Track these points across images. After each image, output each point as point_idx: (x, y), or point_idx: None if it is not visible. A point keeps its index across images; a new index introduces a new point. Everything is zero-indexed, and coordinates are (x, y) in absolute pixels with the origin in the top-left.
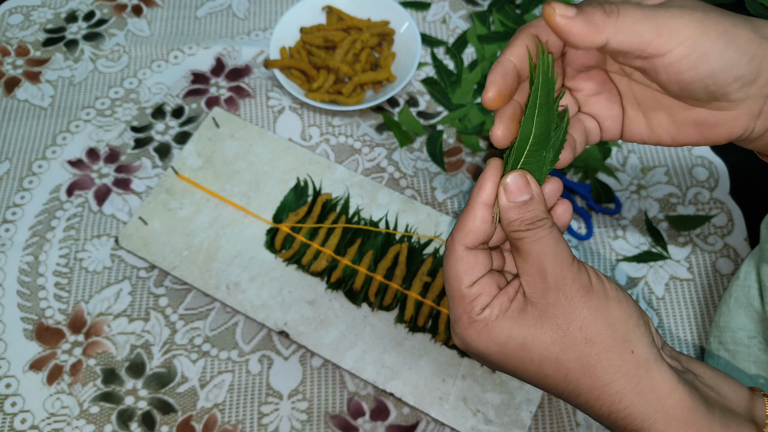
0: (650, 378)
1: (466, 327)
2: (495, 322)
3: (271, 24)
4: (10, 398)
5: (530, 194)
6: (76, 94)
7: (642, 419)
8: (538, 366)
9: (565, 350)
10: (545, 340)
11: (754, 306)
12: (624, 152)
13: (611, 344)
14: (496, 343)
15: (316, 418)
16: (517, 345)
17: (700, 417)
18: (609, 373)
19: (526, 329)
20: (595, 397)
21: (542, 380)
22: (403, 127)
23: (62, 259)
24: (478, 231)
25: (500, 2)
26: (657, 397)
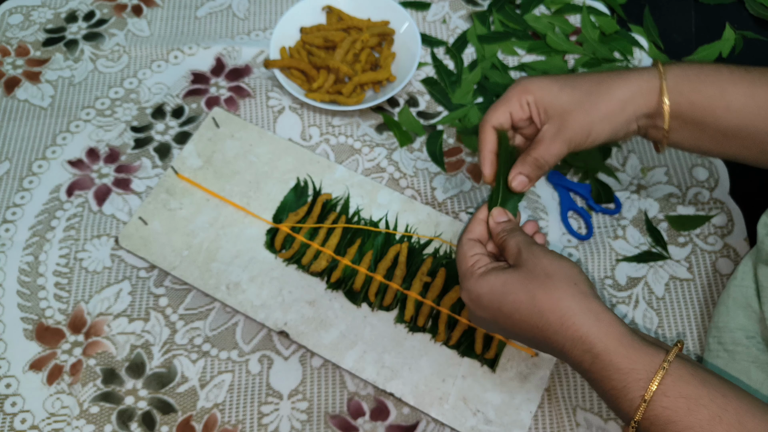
0: (589, 302)
1: (468, 279)
2: (488, 273)
3: (271, 24)
4: (10, 398)
5: (507, 218)
6: (76, 94)
7: (582, 326)
8: (514, 295)
9: (533, 280)
10: (520, 277)
11: (752, 306)
12: (624, 152)
13: (562, 278)
14: (487, 285)
15: (316, 418)
16: (501, 283)
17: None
18: (560, 294)
19: (507, 274)
20: (551, 313)
21: (517, 308)
22: (403, 127)
23: (62, 259)
24: (477, 231)
25: (500, 2)
26: (594, 313)
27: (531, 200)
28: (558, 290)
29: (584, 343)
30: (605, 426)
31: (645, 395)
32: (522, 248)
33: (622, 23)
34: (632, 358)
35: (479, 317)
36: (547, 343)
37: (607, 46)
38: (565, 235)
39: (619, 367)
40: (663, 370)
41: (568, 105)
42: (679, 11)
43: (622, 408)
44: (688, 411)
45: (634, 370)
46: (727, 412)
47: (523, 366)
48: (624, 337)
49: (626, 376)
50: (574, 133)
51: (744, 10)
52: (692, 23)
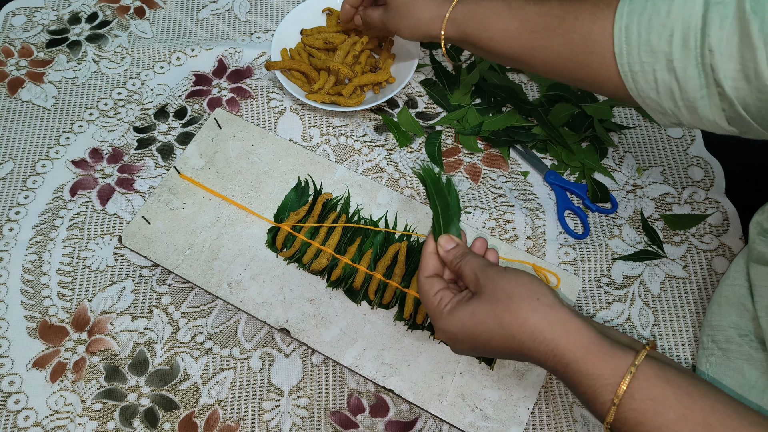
0: (555, 313)
1: (438, 320)
2: (454, 309)
3: (272, 26)
4: (14, 395)
5: (454, 243)
6: (80, 95)
7: (552, 339)
8: (485, 325)
9: (497, 305)
10: (484, 304)
11: (744, 305)
12: (620, 152)
13: (525, 295)
14: (458, 321)
15: (316, 415)
16: (469, 316)
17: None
18: (526, 312)
19: (472, 305)
20: (521, 332)
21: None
22: (402, 127)
23: (66, 258)
24: (431, 266)
25: None
26: (560, 323)
27: (528, 200)
28: (522, 309)
29: (555, 355)
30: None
31: (614, 399)
32: (478, 274)
33: None
34: (599, 364)
35: (459, 348)
36: (526, 358)
37: None
38: (561, 234)
39: (588, 374)
40: (630, 374)
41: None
42: None
43: (595, 410)
44: (654, 412)
45: (602, 375)
46: (693, 412)
47: (520, 363)
48: (591, 344)
49: (595, 382)
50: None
51: None
52: None
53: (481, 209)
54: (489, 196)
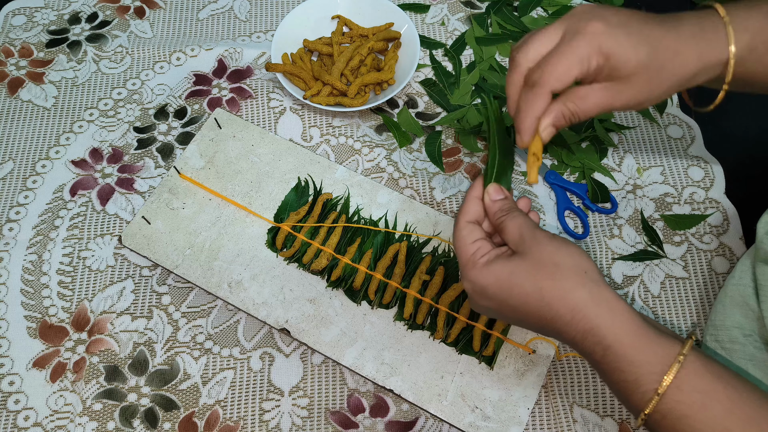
0: (600, 291)
1: (471, 269)
2: (492, 261)
3: (272, 26)
4: (14, 395)
5: (503, 195)
6: (80, 95)
7: (594, 317)
8: (521, 288)
9: (540, 271)
10: (527, 267)
11: (749, 304)
12: (620, 152)
13: (571, 266)
14: (493, 276)
15: (316, 415)
16: (507, 274)
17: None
18: (570, 284)
19: (513, 264)
20: (561, 305)
21: (524, 300)
22: (402, 127)
23: (66, 258)
24: (473, 211)
25: (498, 5)
26: (606, 302)
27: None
28: (567, 280)
29: (595, 335)
30: (602, 423)
31: (658, 389)
32: (525, 234)
33: None
34: (645, 350)
35: (482, 306)
36: (556, 333)
37: None
38: (561, 234)
39: (632, 360)
40: (678, 363)
41: (639, 66)
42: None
43: (632, 400)
44: (702, 406)
45: (648, 363)
46: (740, 408)
47: (520, 363)
48: (638, 329)
49: (639, 369)
50: (633, 92)
51: None
52: None
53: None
54: None
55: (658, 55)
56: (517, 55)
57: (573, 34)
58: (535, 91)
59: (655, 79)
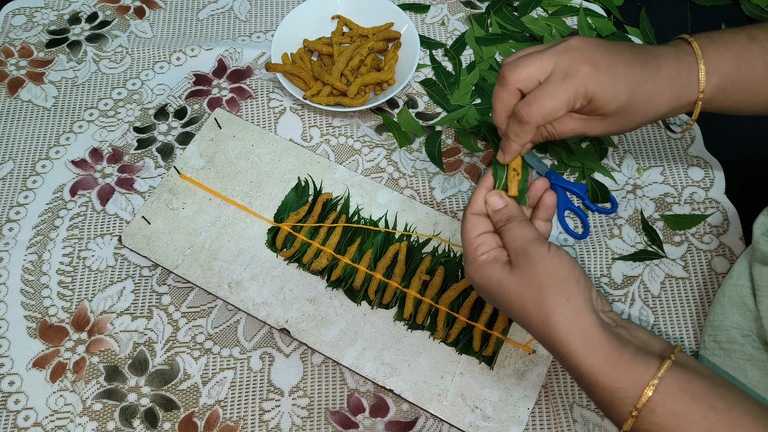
0: (579, 319)
1: (470, 264)
2: (488, 263)
3: (272, 26)
4: (14, 395)
5: (503, 203)
6: (80, 95)
7: (567, 342)
8: (507, 298)
9: (525, 289)
10: (513, 281)
11: (747, 305)
12: (620, 152)
13: (555, 290)
14: (485, 277)
15: (316, 415)
16: (496, 281)
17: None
18: (550, 307)
19: (503, 273)
20: (541, 325)
21: (509, 308)
22: (402, 127)
23: (66, 258)
24: (480, 203)
25: (498, 5)
26: (582, 330)
27: None
28: (548, 303)
29: (570, 360)
30: (602, 423)
31: (632, 411)
32: (518, 248)
33: (618, 25)
34: (618, 377)
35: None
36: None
37: None
38: (561, 234)
39: (604, 386)
40: (651, 387)
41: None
42: (674, 12)
43: (612, 417)
44: (677, 427)
45: (620, 389)
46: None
47: (520, 363)
48: (611, 355)
49: (612, 394)
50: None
51: (739, 11)
52: (688, 24)
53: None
54: None
55: (636, 98)
56: (507, 72)
57: (563, 76)
58: (524, 127)
59: (629, 117)
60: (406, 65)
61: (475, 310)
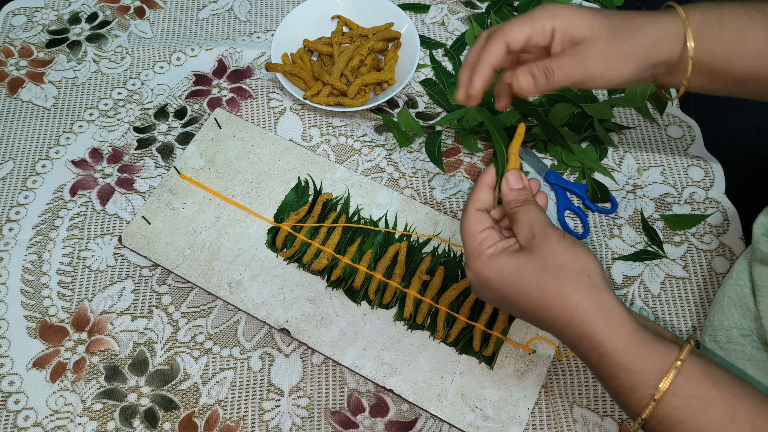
0: (600, 297)
1: (476, 259)
2: (497, 255)
3: (272, 26)
4: (14, 395)
5: (522, 184)
6: (80, 95)
7: (592, 323)
8: (524, 285)
9: (544, 272)
10: (531, 265)
11: (747, 305)
12: (620, 152)
13: (575, 270)
14: (496, 269)
15: (316, 415)
16: (511, 270)
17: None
18: (571, 288)
19: (518, 260)
20: (560, 308)
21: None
22: (402, 127)
23: (66, 258)
24: (483, 199)
25: (498, 5)
26: (605, 309)
27: None
28: (569, 284)
29: (592, 341)
30: (602, 423)
31: (655, 395)
32: (536, 230)
33: None
34: (641, 358)
35: (483, 295)
36: (553, 332)
37: None
38: None
39: (628, 368)
40: (675, 369)
41: (597, 33)
42: None
43: (629, 405)
44: (699, 411)
45: (644, 370)
46: (739, 413)
47: (520, 363)
48: (634, 335)
49: (635, 376)
50: (595, 61)
51: None
52: None
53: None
54: None
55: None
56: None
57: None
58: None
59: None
60: (406, 65)
61: (475, 310)
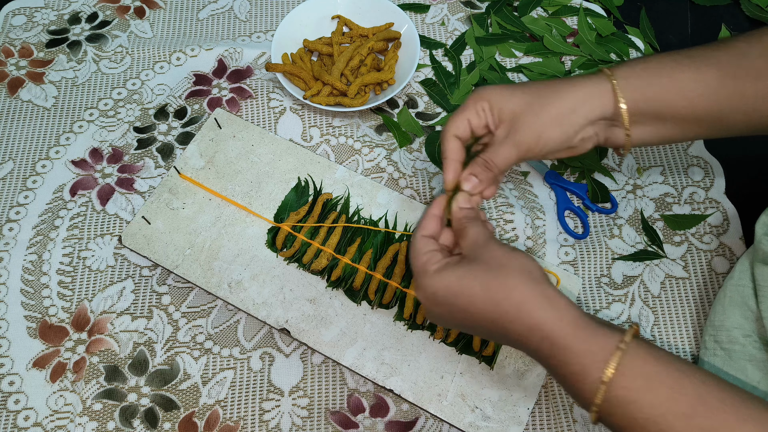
0: (543, 289)
1: (423, 277)
2: (442, 269)
3: (272, 26)
4: (14, 396)
5: (470, 206)
6: (80, 95)
7: (539, 312)
8: (469, 289)
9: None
10: (475, 270)
11: (748, 305)
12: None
13: (516, 268)
14: (442, 281)
15: (316, 415)
16: (456, 278)
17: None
18: (515, 282)
19: (462, 268)
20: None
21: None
22: (403, 128)
23: (66, 258)
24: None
25: (498, 4)
26: (548, 298)
27: (528, 200)
28: (512, 279)
29: (541, 330)
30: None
31: (603, 377)
32: (479, 240)
33: (618, 25)
34: (589, 341)
35: (436, 314)
36: (505, 334)
37: (603, 47)
38: (561, 234)
39: (577, 351)
40: (620, 350)
41: (519, 107)
42: (674, 12)
43: (583, 393)
44: (648, 389)
45: (591, 352)
46: (686, 388)
47: (520, 363)
48: (579, 320)
49: (584, 359)
50: (524, 135)
51: (739, 11)
52: (688, 24)
53: (480, 209)
54: None
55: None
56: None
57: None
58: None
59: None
60: (406, 65)
61: None
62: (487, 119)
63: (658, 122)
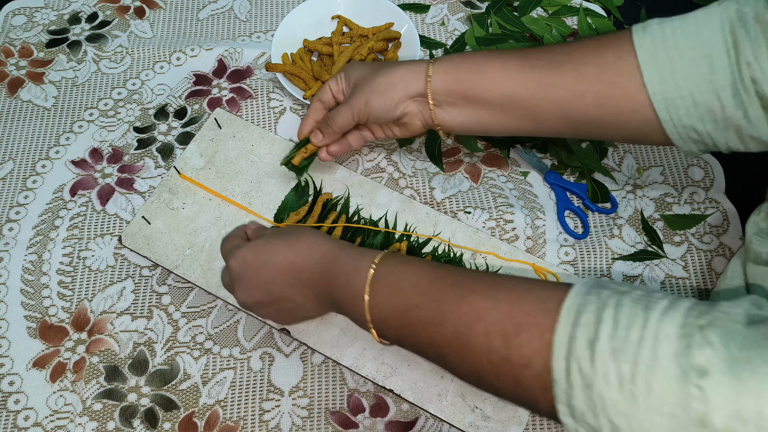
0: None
1: (231, 258)
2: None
3: (272, 26)
4: (14, 396)
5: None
6: (80, 95)
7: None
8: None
9: (280, 231)
10: (268, 233)
11: None
12: (620, 152)
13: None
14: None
15: (316, 415)
16: (263, 241)
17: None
18: (301, 230)
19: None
20: (300, 241)
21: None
22: None
23: (66, 258)
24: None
25: (498, 4)
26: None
27: (528, 200)
28: (300, 229)
29: (332, 253)
30: None
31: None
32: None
33: (618, 25)
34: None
35: (246, 295)
36: (307, 282)
37: None
38: (561, 234)
39: (352, 256)
40: (380, 255)
41: (359, 78)
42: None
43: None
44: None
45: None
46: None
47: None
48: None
49: (357, 263)
50: (355, 100)
51: None
52: None
53: (481, 209)
54: (489, 196)
55: (371, 69)
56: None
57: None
58: (312, 104)
59: (367, 87)
60: None
61: None
62: (341, 86)
63: (469, 104)
